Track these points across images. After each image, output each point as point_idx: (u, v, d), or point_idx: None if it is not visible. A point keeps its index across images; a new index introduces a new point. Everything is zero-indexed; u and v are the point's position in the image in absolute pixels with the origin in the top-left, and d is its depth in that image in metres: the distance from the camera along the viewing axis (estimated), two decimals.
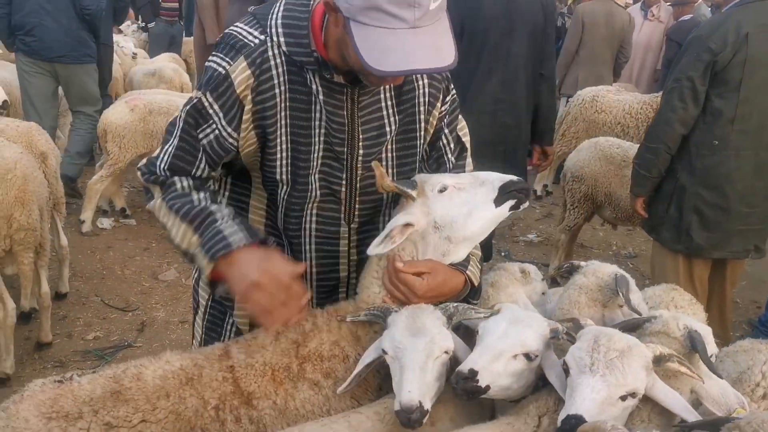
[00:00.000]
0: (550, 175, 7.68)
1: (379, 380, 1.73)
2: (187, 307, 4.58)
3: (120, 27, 10.11)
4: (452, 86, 1.97)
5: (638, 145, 4.57)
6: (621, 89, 7.19)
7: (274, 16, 1.75)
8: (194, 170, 1.78)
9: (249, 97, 1.73)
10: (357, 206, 1.88)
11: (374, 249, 1.68)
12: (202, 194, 1.77)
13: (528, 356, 1.56)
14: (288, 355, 1.67)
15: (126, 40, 8.39)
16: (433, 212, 1.72)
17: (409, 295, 1.71)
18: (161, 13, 9.73)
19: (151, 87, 7.26)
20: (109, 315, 4.43)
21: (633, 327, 1.75)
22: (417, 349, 1.54)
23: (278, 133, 1.77)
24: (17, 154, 3.32)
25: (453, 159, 2.00)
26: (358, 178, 1.85)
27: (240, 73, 1.71)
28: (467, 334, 1.76)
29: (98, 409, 1.49)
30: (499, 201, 1.71)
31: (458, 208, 1.72)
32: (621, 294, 1.98)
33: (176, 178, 1.78)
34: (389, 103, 1.84)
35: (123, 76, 7.95)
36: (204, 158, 1.78)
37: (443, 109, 1.94)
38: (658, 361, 1.50)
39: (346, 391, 1.66)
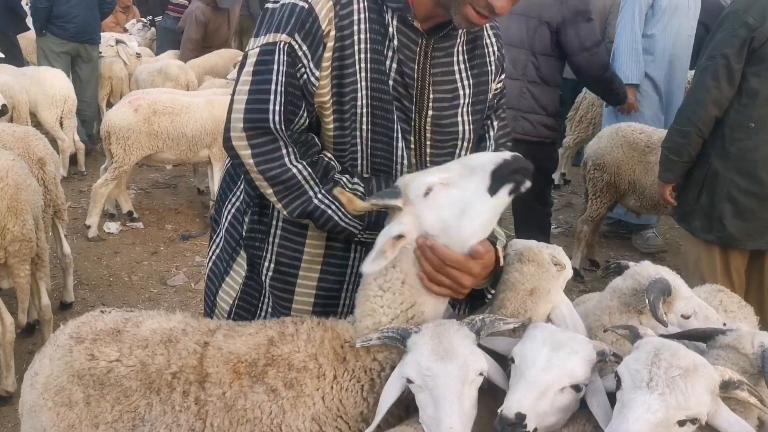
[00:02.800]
0: (567, 162, 7.45)
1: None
2: (197, 314, 4.41)
3: (125, 26, 10.01)
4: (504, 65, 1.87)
5: (662, 130, 4.37)
6: None
7: None
8: (297, 119, 1.62)
9: (332, 33, 1.55)
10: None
11: (368, 266, 1.47)
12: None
13: (576, 387, 1.36)
14: (258, 350, 1.57)
15: (130, 39, 8.24)
16: (422, 220, 1.49)
17: (462, 282, 1.51)
18: (169, 8, 9.53)
19: (156, 85, 7.11)
20: None
21: (703, 336, 1.55)
22: (450, 376, 1.34)
23: (357, 77, 1.61)
24: (8, 161, 3.16)
25: (493, 141, 1.87)
26: (428, 143, 1.70)
27: (324, 5, 1.55)
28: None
29: (96, 339, 1.61)
30: (494, 189, 1.46)
31: (449, 209, 1.48)
32: (648, 301, 1.76)
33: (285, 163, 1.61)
34: (462, 66, 1.71)
35: (128, 76, 7.81)
36: (305, 104, 1.61)
37: (498, 86, 1.84)
38: (726, 386, 1.31)
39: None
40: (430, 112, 1.67)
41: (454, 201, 1.47)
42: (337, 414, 1.53)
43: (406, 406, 1.52)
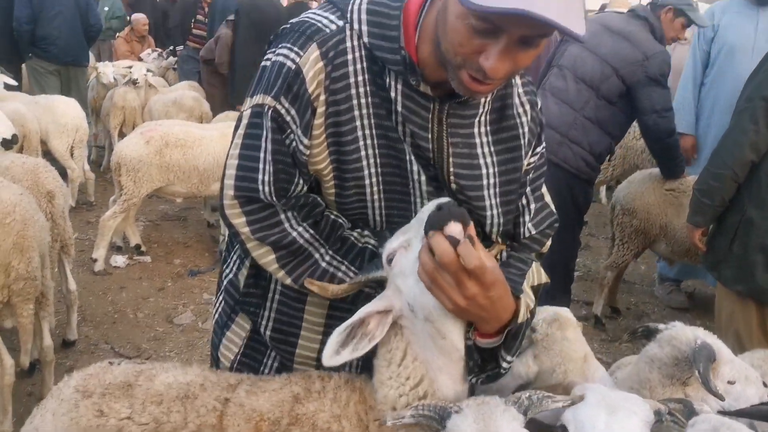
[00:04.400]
0: None
1: None
2: (203, 355, 4.26)
3: (140, 55, 10.00)
4: (544, 137, 1.60)
5: (695, 175, 4.22)
6: None
7: (358, 0, 1.43)
8: (298, 183, 1.45)
9: (321, 98, 1.38)
10: None
11: (329, 358, 1.30)
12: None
13: None
14: (282, 407, 1.46)
15: (140, 67, 8.04)
16: (401, 288, 1.32)
17: (463, 287, 1.21)
18: (189, 39, 9.57)
19: (171, 116, 7.02)
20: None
21: (766, 415, 1.39)
22: None
23: (362, 145, 1.42)
24: (16, 196, 3.03)
25: (531, 226, 1.59)
26: None
27: (312, 65, 1.38)
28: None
29: (105, 394, 1.53)
30: None
31: (412, 277, 1.29)
32: (698, 372, 1.61)
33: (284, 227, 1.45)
34: (485, 139, 1.48)
35: (140, 106, 7.73)
36: (299, 173, 1.44)
37: (531, 161, 1.57)
38: None
39: None
40: (453, 186, 1.45)
41: (413, 264, 1.28)
42: None
43: None
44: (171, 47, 10.41)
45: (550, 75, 4.18)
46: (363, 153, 1.43)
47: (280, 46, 1.42)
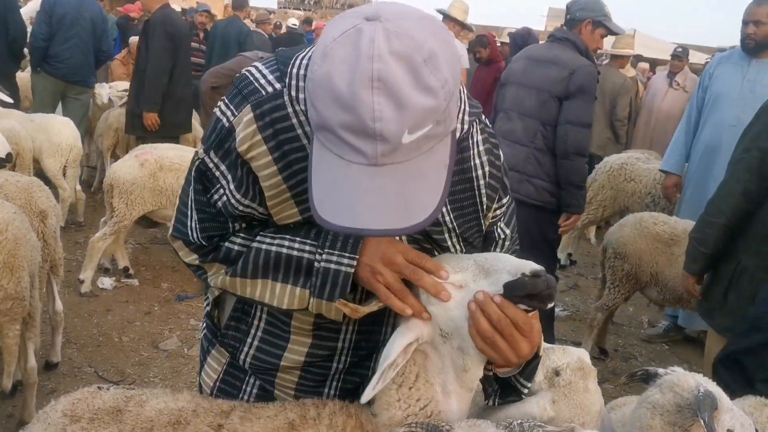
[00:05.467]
0: (574, 243, 7.36)
1: None
2: (188, 382, 4.19)
3: None
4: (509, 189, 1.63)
5: (686, 221, 4.27)
6: (650, 157, 6.94)
7: (298, 62, 1.36)
8: (231, 228, 1.45)
9: (258, 153, 1.35)
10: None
11: (367, 397, 1.28)
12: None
13: None
14: None
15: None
16: (435, 317, 1.32)
17: (520, 347, 1.26)
18: None
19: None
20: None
21: None
22: None
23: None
24: (10, 214, 3.00)
25: (506, 243, 1.67)
26: None
27: (245, 127, 1.34)
28: None
29: (95, 419, 1.50)
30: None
31: (461, 310, 1.29)
32: (703, 421, 1.61)
33: (222, 245, 1.46)
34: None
35: None
36: (230, 220, 1.45)
37: (498, 213, 1.60)
38: None
39: None
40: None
41: (462, 301, 1.29)
42: None
43: None
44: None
45: (497, 120, 4.36)
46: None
47: (222, 99, 1.42)
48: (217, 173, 1.40)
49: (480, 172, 1.51)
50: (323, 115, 1.10)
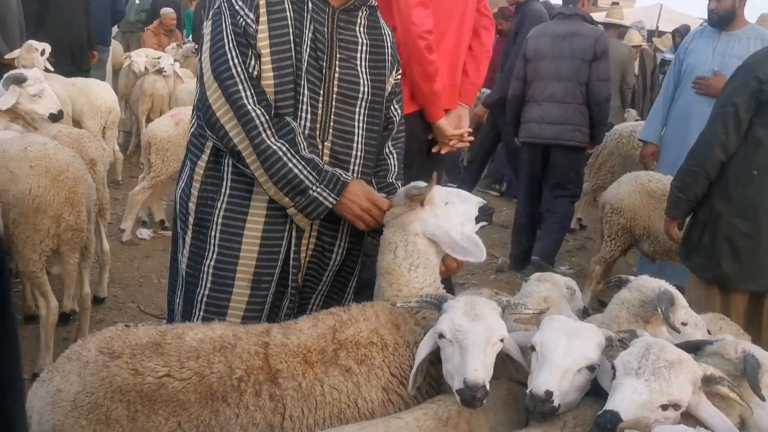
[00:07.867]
0: (584, 209, 7.64)
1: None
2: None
3: (165, 49, 10.41)
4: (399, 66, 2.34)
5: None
6: None
7: None
8: (248, 60, 2.00)
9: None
10: (331, 124, 2.11)
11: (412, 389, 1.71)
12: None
13: (591, 368, 1.58)
14: (324, 339, 1.70)
15: (167, 58, 8.47)
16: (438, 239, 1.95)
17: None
18: None
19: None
20: (145, 321, 4.49)
21: (692, 348, 1.74)
22: (478, 333, 1.57)
23: (290, 39, 2.06)
24: (70, 157, 3.44)
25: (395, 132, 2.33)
26: (334, 96, 2.09)
27: None
28: None
29: (136, 353, 1.58)
30: (478, 219, 2.03)
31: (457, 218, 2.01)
32: (660, 310, 1.97)
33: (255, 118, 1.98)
34: (362, 30, 2.18)
35: (168, 94, 8.15)
36: (251, 50, 2.02)
37: (397, 79, 2.29)
38: (708, 381, 1.49)
39: (413, 386, 1.70)
40: (337, 70, 2.09)
41: (460, 213, 2.00)
42: (399, 381, 1.71)
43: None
44: (189, 38, 10.83)
45: (534, 89, 5.57)
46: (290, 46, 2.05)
47: None
48: (237, 7, 1.99)
49: (389, 42, 2.25)
50: None
